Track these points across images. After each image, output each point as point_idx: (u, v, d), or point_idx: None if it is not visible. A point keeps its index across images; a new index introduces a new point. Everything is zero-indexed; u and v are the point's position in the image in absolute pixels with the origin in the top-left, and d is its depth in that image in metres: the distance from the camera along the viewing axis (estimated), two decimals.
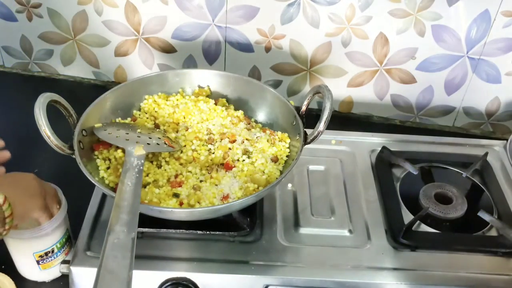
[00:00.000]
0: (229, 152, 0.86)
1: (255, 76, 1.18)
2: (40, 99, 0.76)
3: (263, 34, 1.11)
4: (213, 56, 1.17)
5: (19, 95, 1.20)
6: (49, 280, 0.85)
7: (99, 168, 0.83)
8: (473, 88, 1.13)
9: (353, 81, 1.16)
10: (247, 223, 0.84)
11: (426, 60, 1.10)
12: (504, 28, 1.03)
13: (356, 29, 1.08)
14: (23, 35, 1.22)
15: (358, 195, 0.93)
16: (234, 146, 0.87)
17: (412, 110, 1.19)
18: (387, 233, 0.87)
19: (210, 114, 0.93)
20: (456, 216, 0.89)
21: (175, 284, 0.77)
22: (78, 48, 1.22)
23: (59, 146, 0.77)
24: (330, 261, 0.82)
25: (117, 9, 1.13)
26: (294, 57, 1.14)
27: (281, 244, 0.83)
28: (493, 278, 0.81)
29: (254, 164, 0.85)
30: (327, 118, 0.81)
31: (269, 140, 0.89)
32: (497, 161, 1.02)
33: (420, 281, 0.80)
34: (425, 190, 0.93)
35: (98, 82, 1.27)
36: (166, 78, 0.97)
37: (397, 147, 1.02)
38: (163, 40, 1.16)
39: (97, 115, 0.88)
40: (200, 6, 1.09)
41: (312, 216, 0.89)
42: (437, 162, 1.01)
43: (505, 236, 0.85)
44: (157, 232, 0.82)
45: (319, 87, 0.84)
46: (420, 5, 1.02)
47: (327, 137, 1.01)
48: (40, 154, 1.01)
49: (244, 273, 0.78)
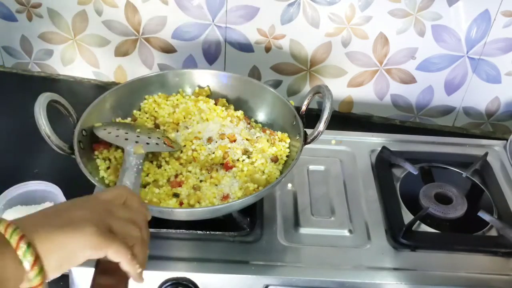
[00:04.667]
0: (229, 152, 0.86)
1: (255, 76, 1.18)
2: (40, 99, 0.76)
3: (263, 34, 1.11)
4: (213, 56, 1.17)
5: (19, 95, 1.20)
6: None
7: (99, 168, 0.83)
8: (473, 88, 1.13)
9: (353, 81, 1.16)
10: (247, 223, 0.84)
11: (426, 60, 1.10)
12: (504, 28, 1.03)
13: (356, 29, 1.08)
14: (23, 35, 1.22)
15: (358, 195, 0.93)
16: (234, 146, 0.87)
17: (412, 110, 1.19)
18: (387, 233, 0.87)
19: (210, 114, 0.93)
20: (456, 216, 0.89)
21: (175, 284, 0.77)
22: (78, 48, 1.22)
23: (59, 146, 0.77)
24: (330, 261, 0.82)
25: (117, 9, 1.13)
26: (294, 57, 1.14)
27: (281, 244, 0.83)
28: (493, 278, 0.81)
29: (254, 164, 0.85)
30: (327, 118, 0.81)
31: (269, 140, 0.89)
32: (497, 161, 1.02)
33: (420, 281, 0.80)
34: (425, 190, 0.93)
35: (98, 82, 1.26)
36: (166, 78, 0.97)
37: (397, 147, 1.02)
38: (163, 40, 1.16)
39: (97, 115, 0.88)
40: (200, 6, 1.09)
41: (312, 216, 0.89)
42: (437, 162, 1.01)
43: (505, 236, 0.85)
44: (157, 232, 0.82)
45: (319, 87, 0.85)
46: (420, 5, 1.02)
47: (327, 137, 1.01)
48: (40, 154, 1.01)
49: (244, 273, 0.78)
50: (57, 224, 0.52)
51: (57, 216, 0.53)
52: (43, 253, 0.49)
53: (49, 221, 0.52)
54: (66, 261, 0.51)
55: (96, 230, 0.52)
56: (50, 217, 0.53)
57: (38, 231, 0.50)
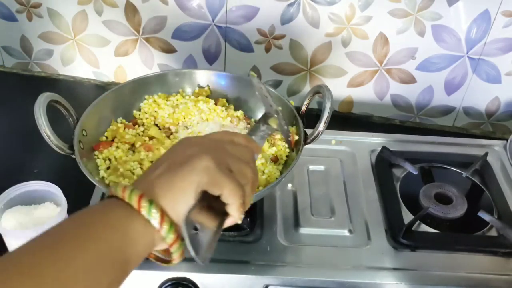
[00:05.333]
0: None
1: None
2: (40, 99, 0.75)
3: (263, 34, 1.11)
4: (213, 56, 1.17)
5: (19, 95, 1.20)
6: None
7: (99, 168, 0.83)
8: (473, 88, 1.13)
9: (353, 81, 1.16)
10: (247, 223, 0.84)
11: (426, 60, 1.10)
12: (504, 28, 1.03)
13: (356, 29, 1.08)
14: (23, 35, 1.22)
15: (358, 195, 0.93)
16: None
17: (412, 110, 1.19)
18: (387, 233, 0.87)
19: (210, 114, 0.93)
20: (456, 216, 0.89)
21: (175, 284, 0.77)
22: (78, 48, 1.22)
23: (59, 146, 0.77)
24: (330, 261, 0.82)
25: (117, 9, 1.13)
26: (294, 57, 1.14)
27: (281, 244, 0.83)
28: (493, 278, 0.81)
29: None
30: (327, 118, 0.81)
31: (269, 140, 0.89)
32: (497, 161, 1.02)
33: (420, 281, 0.80)
34: (425, 190, 0.93)
35: (98, 82, 1.27)
36: (166, 78, 0.97)
37: (397, 147, 1.02)
38: (163, 40, 1.16)
39: (97, 115, 0.88)
40: (200, 6, 1.09)
41: (312, 216, 0.89)
42: (437, 162, 1.01)
43: (505, 236, 0.85)
44: None
45: (319, 87, 0.85)
46: (420, 5, 1.02)
47: (327, 137, 1.01)
48: (40, 154, 1.01)
49: (244, 273, 0.78)
50: (172, 170, 0.48)
51: (167, 163, 0.50)
52: (168, 205, 0.47)
53: (162, 172, 0.49)
54: (186, 204, 0.47)
55: (215, 165, 0.49)
56: (162, 167, 0.50)
57: (154, 184, 0.48)
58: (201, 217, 0.50)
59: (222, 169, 0.50)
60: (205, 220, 0.51)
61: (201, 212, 0.50)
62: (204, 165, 0.49)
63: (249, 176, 0.53)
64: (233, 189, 0.50)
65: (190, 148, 0.51)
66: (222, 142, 0.54)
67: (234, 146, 0.54)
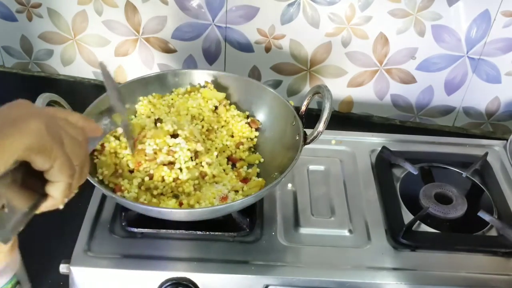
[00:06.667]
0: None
1: (255, 76, 1.18)
2: (39, 99, 0.75)
3: (263, 34, 1.11)
4: (213, 56, 1.17)
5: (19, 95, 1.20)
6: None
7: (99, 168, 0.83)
8: (473, 88, 1.13)
9: (353, 81, 1.16)
10: (247, 223, 0.84)
11: (426, 60, 1.10)
12: (504, 28, 1.03)
13: (356, 29, 1.08)
14: (23, 35, 1.22)
15: (358, 195, 0.93)
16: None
17: (412, 110, 1.19)
18: (387, 233, 0.87)
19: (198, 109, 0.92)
20: (456, 216, 0.89)
21: (175, 284, 0.77)
22: (78, 48, 1.22)
23: None
24: (330, 261, 0.81)
25: (117, 9, 1.13)
26: (294, 57, 1.14)
27: (281, 244, 0.83)
28: (493, 278, 0.81)
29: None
30: (327, 118, 0.81)
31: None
32: (497, 161, 1.02)
33: (420, 281, 0.80)
34: (425, 190, 0.93)
35: (98, 82, 1.27)
36: (166, 78, 0.97)
37: (397, 147, 1.02)
38: (163, 40, 1.16)
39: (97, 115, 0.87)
40: (200, 6, 1.09)
41: (312, 216, 0.89)
42: (437, 162, 1.01)
43: (505, 236, 0.85)
44: (157, 233, 0.82)
45: (319, 87, 0.84)
46: (420, 5, 1.02)
47: (327, 137, 1.01)
48: None
49: (244, 273, 0.78)
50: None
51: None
52: None
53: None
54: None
55: (46, 130, 0.41)
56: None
57: None
58: (11, 193, 0.43)
59: (55, 137, 0.42)
60: (15, 197, 0.44)
61: (12, 187, 0.43)
62: (35, 127, 0.41)
63: (82, 159, 0.46)
64: (65, 164, 0.43)
65: (18, 108, 0.44)
66: (55, 118, 0.47)
67: (68, 124, 0.47)
